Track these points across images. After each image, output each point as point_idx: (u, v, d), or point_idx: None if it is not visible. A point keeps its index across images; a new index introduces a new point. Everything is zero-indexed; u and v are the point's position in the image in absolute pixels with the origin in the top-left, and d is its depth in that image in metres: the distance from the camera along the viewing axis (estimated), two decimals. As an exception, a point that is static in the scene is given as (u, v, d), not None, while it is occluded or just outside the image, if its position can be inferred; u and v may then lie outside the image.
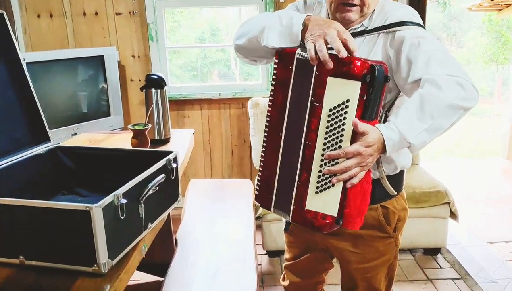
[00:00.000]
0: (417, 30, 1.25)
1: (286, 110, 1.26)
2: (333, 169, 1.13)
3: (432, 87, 1.12)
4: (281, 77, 1.27)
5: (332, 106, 1.14)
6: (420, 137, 1.12)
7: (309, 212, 1.20)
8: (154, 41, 3.27)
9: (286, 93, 1.26)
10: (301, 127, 1.21)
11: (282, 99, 1.27)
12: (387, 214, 1.40)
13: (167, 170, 1.40)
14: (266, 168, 1.32)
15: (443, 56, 1.20)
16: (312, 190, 1.19)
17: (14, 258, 1.11)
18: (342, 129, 1.13)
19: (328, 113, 1.15)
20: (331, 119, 1.15)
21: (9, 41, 1.48)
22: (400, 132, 1.11)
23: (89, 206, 1.03)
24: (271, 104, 1.30)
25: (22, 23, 3.23)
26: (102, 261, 1.07)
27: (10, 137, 1.46)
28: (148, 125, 2.02)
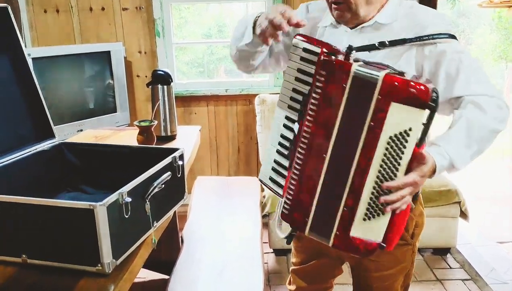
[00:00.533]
0: (455, 44, 1.23)
1: (333, 131, 1.13)
2: (390, 199, 1.08)
3: (476, 110, 1.16)
4: (330, 92, 1.12)
5: (393, 134, 1.06)
6: (465, 163, 1.16)
7: (354, 239, 1.14)
8: (160, 37, 3.24)
9: (336, 111, 1.12)
10: (353, 151, 1.11)
11: (329, 117, 1.13)
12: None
13: (173, 167, 1.38)
14: (302, 189, 1.20)
15: (480, 73, 1.22)
16: (359, 217, 1.12)
17: (16, 257, 1.09)
18: (400, 157, 1.07)
19: (388, 140, 1.07)
20: (390, 147, 1.07)
21: (13, 36, 1.46)
22: (451, 160, 1.13)
23: (93, 204, 1.01)
24: (312, 120, 1.15)
25: (28, 18, 3.21)
26: (106, 261, 1.04)
27: (15, 134, 1.44)
28: (154, 122, 2.00)
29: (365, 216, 1.12)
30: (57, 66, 2.90)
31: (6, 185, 1.30)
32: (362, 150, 1.10)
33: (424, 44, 1.22)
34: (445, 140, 1.15)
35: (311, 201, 1.18)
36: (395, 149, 1.07)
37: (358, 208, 1.12)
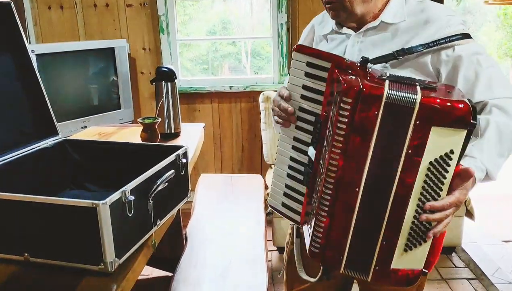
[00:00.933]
0: (472, 44, 1.17)
1: (366, 162, 1.01)
2: (432, 217, 1.01)
3: (503, 115, 1.12)
4: (358, 122, 0.99)
5: (433, 159, 0.98)
6: (499, 172, 1.12)
7: (395, 271, 1.06)
8: (165, 34, 3.23)
9: (367, 142, 1.00)
10: (389, 183, 1.01)
11: (360, 148, 1.01)
12: None
13: (176, 165, 1.37)
14: (333, 226, 1.07)
15: (500, 74, 1.17)
16: (400, 248, 1.04)
17: (19, 255, 1.08)
18: (442, 182, 1.00)
19: (428, 166, 0.99)
20: (431, 172, 0.99)
21: (16, 33, 1.45)
22: (488, 171, 1.08)
23: (96, 202, 0.99)
24: (340, 152, 1.01)
25: (32, 15, 3.20)
26: (109, 260, 1.03)
27: (17, 131, 1.43)
28: (158, 119, 1.99)
29: (406, 247, 1.04)
30: (61, 62, 2.89)
31: (9, 182, 1.29)
32: (399, 180, 1.00)
33: (441, 48, 1.15)
34: (479, 151, 1.09)
35: (345, 238, 1.07)
36: (436, 174, 0.99)
37: (398, 240, 1.04)
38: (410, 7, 1.21)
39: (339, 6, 1.18)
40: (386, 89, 0.97)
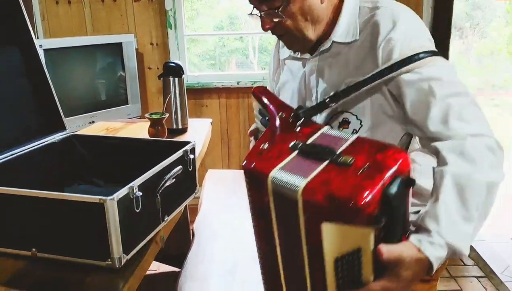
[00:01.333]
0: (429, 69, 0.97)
1: (276, 246, 0.90)
2: None
3: (461, 161, 0.88)
4: (257, 203, 0.89)
5: (338, 255, 0.79)
6: (471, 241, 0.86)
7: None
8: (172, 29, 3.21)
9: (270, 225, 0.87)
10: (301, 271, 0.86)
11: (267, 231, 0.89)
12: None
13: (184, 161, 1.36)
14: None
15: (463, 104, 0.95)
16: None
17: (26, 250, 1.08)
18: (360, 273, 0.80)
19: (334, 263, 0.80)
20: (341, 267, 0.80)
21: (23, 27, 1.44)
22: (450, 246, 0.84)
23: (103, 198, 0.99)
24: (255, 232, 0.94)
25: (40, 9, 3.21)
26: (116, 256, 1.02)
27: (25, 126, 1.43)
28: (165, 114, 1.98)
29: None
30: (69, 57, 2.89)
31: (16, 177, 1.29)
32: (310, 269, 0.84)
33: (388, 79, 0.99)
34: (434, 221, 0.85)
35: None
36: (348, 267, 0.80)
37: None
38: (363, 19, 1.06)
39: (290, 38, 1.09)
40: (274, 172, 0.82)
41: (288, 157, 0.84)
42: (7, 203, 1.07)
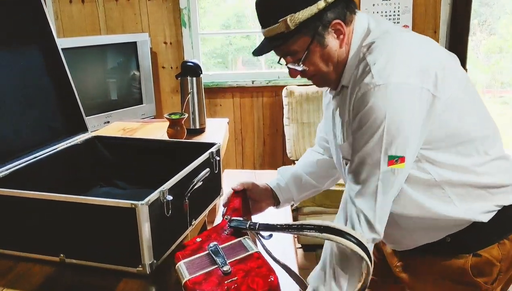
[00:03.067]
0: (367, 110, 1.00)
1: None
2: None
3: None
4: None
5: None
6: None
7: None
8: (186, 27, 3.19)
9: None
10: None
11: None
12: (480, 264, 1.12)
13: (210, 163, 1.33)
14: None
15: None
16: None
17: (54, 256, 1.06)
18: None
19: None
20: None
21: (45, 27, 1.42)
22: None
23: (135, 203, 0.96)
24: None
25: (54, 9, 3.19)
26: (148, 262, 1.00)
27: (48, 127, 1.41)
28: (184, 115, 1.95)
29: None
30: (83, 57, 2.87)
31: (41, 180, 1.27)
32: None
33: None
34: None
35: None
36: None
37: None
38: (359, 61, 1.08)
39: (317, 80, 1.16)
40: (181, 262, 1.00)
41: (200, 253, 1.04)
42: (35, 207, 1.04)
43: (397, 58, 1.01)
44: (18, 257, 1.08)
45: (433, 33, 3.25)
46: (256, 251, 1.03)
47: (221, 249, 1.04)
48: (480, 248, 1.12)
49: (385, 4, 3.17)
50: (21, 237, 1.08)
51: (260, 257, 1.02)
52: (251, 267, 0.98)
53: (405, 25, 3.20)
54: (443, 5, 3.20)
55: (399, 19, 3.20)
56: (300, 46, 1.07)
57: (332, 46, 1.08)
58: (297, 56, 1.08)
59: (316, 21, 1.04)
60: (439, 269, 1.16)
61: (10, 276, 1.03)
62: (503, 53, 10.32)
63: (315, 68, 1.10)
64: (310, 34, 1.05)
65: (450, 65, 1.09)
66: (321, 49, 1.07)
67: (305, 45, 1.06)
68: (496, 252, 1.12)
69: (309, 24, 1.04)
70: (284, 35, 1.04)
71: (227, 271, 0.97)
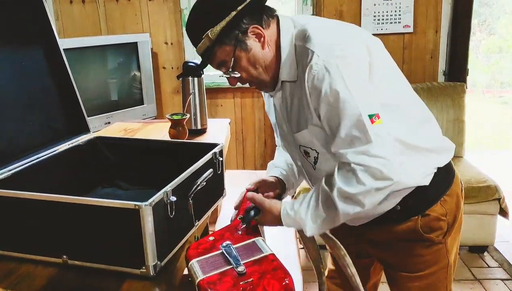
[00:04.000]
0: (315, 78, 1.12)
1: None
2: None
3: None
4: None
5: None
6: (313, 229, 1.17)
7: None
8: (187, 28, 3.18)
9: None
10: None
11: None
12: (429, 222, 1.26)
13: (213, 163, 1.32)
14: None
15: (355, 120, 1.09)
16: None
17: (57, 257, 1.05)
18: None
19: None
20: None
21: (47, 28, 1.41)
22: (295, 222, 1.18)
23: (138, 204, 0.95)
24: None
25: (54, 9, 3.18)
26: (151, 263, 0.99)
27: (49, 128, 1.40)
28: (186, 115, 1.95)
29: None
30: (83, 58, 2.86)
31: (43, 181, 1.26)
32: None
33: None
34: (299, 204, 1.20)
35: None
36: None
37: None
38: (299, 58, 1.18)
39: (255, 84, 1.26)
40: (193, 261, 1.06)
41: (214, 252, 1.06)
42: (37, 208, 1.03)
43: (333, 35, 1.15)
44: (21, 259, 1.07)
45: (435, 33, 3.24)
46: (271, 253, 1.04)
47: (235, 249, 1.05)
48: (427, 209, 1.25)
49: (386, 4, 3.16)
50: (23, 238, 1.08)
51: (275, 259, 1.02)
52: (266, 269, 0.98)
53: (406, 25, 3.20)
54: (444, 5, 3.19)
55: (400, 19, 3.19)
56: (226, 55, 1.18)
57: (255, 49, 1.18)
58: (227, 65, 1.19)
59: (234, 29, 1.15)
60: (395, 235, 1.28)
61: (13, 278, 1.02)
62: (502, 53, 10.31)
63: (246, 73, 1.20)
64: (232, 42, 1.16)
65: (374, 42, 1.21)
66: (246, 54, 1.18)
67: (230, 53, 1.17)
68: (440, 209, 1.26)
69: (228, 34, 1.15)
70: (210, 48, 1.16)
71: (242, 272, 0.97)
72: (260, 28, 1.17)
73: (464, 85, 3.16)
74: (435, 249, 1.29)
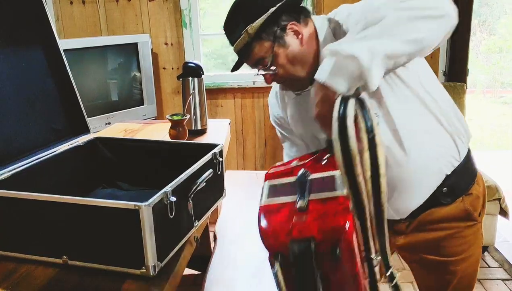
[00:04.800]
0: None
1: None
2: None
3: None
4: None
5: None
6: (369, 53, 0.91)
7: None
8: (187, 28, 3.18)
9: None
10: None
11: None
12: (473, 201, 1.27)
13: (213, 164, 1.32)
14: None
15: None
16: None
17: (57, 258, 1.05)
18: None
19: None
20: None
21: (47, 28, 1.42)
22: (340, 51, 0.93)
23: (138, 204, 0.95)
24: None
25: (54, 10, 3.18)
26: (151, 264, 0.99)
27: (49, 128, 1.40)
28: (186, 116, 1.95)
29: None
30: (84, 58, 2.86)
31: (43, 181, 1.27)
32: None
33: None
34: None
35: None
36: None
37: None
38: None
39: (289, 82, 1.25)
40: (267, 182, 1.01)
41: (288, 177, 0.97)
42: (37, 208, 1.04)
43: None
44: (21, 259, 1.08)
45: (435, 33, 3.24)
46: (343, 195, 0.88)
47: (310, 180, 0.94)
48: (470, 187, 1.26)
49: (386, 4, 3.16)
50: (23, 239, 1.08)
51: (344, 203, 0.87)
52: (328, 211, 0.85)
53: (406, 25, 3.19)
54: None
55: (400, 19, 3.19)
56: (265, 52, 1.18)
57: (294, 45, 1.18)
58: (265, 61, 1.19)
59: (273, 26, 1.16)
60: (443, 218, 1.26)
61: (13, 279, 1.02)
62: (503, 53, 10.30)
63: (283, 69, 1.19)
64: (271, 38, 1.17)
65: None
66: (284, 50, 1.17)
67: (269, 49, 1.17)
68: (477, 187, 1.28)
69: (267, 30, 1.16)
70: (249, 44, 1.17)
71: (302, 208, 0.87)
72: (298, 25, 1.19)
73: (464, 85, 3.16)
74: (475, 229, 1.29)
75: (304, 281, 0.84)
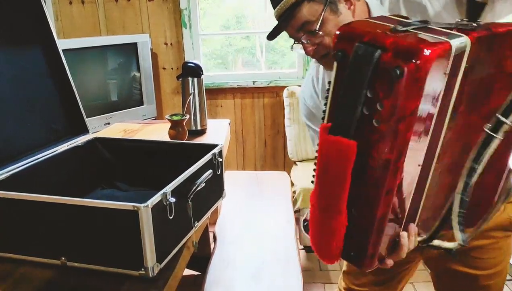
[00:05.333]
0: None
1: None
2: None
3: None
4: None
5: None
6: None
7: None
8: (187, 28, 3.17)
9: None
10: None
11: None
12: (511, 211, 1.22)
13: (212, 164, 1.31)
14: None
15: None
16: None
17: (55, 259, 1.04)
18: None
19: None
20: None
21: (46, 28, 1.41)
22: None
23: (137, 205, 0.94)
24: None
25: (53, 10, 3.17)
26: (150, 265, 0.98)
27: (48, 128, 1.40)
28: (186, 116, 1.94)
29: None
30: (83, 58, 2.85)
31: (42, 182, 1.26)
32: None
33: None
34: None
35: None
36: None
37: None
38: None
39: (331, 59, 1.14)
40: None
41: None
42: (35, 209, 1.03)
43: None
44: (19, 261, 1.07)
45: (435, 33, 3.23)
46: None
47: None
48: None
49: (386, 4, 3.15)
50: (21, 240, 1.07)
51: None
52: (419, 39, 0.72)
53: (406, 25, 3.18)
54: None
55: (400, 19, 3.18)
56: (313, 15, 1.06)
57: (345, 15, 1.07)
58: (312, 26, 1.06)
59: None
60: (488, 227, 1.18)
61: (11, 280, 1.01)
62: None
63: (331, 37, 1.06)
64: (323, 1, 1.05)
65: None
66: (335, 18, 1.06)
67: (318, 13, 1.05)
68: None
69: None
70: (299, 3, 1.05)
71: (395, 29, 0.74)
72: None
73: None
74: (509, 240, 1.24)
75: (351, 86, 0.75)
